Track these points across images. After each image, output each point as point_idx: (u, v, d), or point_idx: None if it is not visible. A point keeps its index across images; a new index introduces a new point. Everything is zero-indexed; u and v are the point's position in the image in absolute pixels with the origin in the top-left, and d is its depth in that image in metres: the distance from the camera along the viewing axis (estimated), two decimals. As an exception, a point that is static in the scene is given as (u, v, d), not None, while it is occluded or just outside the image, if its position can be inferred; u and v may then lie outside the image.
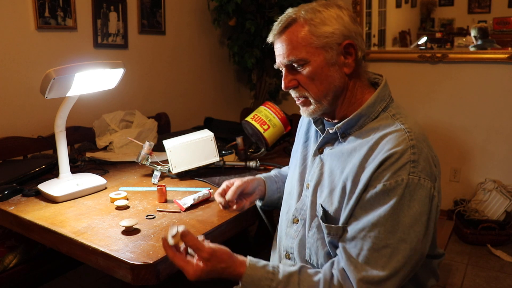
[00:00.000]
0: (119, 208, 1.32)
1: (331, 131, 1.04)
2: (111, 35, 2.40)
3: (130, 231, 1.15)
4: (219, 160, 1.64)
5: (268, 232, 1.29)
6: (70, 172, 1.48)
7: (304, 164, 1.14)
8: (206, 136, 1.61)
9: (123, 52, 2.50)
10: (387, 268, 0.87)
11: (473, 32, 2.84)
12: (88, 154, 1.89)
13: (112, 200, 1.36)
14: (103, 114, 2.14)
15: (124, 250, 1.05)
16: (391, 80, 1.09)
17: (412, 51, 3.02)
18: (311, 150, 1.13)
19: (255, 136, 1.85)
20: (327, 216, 0.99)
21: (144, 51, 2.64)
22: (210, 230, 1.18)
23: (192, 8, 2.96)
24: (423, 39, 3.07)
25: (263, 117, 1.82)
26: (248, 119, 1.85)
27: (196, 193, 1.37)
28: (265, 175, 1.34)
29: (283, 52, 1.01)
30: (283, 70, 1.05)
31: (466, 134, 2.86)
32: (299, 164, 1.16)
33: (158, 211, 1.30)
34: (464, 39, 2.93)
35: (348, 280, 0.90)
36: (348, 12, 1.01)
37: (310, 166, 1.10)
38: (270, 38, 1.05)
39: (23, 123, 2.06)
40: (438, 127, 2.91)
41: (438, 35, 3.06)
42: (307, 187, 1.09)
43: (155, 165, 1.61)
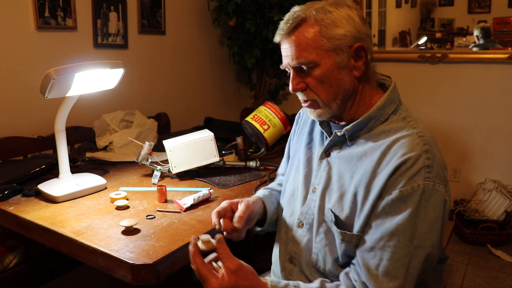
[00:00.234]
0: (119, 208, 1.32)
1: (339, 133, 1.01)
2: (111, 35, 2.40)
3: (130, 231, 1.15)
4: (219, 160, 1.64)
5: (268, 234, 1.27)
6: (70, 172, 1.48)
7: (309, 167, 1.10)
8: (206, 136, 1.61)
9: (123, 52, 2.50)
10: (405, 277, 0.87)
11: (475, 32, 2.84)
12: (88, 154, 1.89)
13: (112, 200, 1.36)
14: (103, 114, 2.14)
15: (124, 250, 1.05)
16: (391, 80, 1.08)
17: (412, 51, 3.02)
18: (317, 153, 1.09)
19: (255, 136, 1.86)
20: (338, 221, 0.96)
21: (144, 51, 2.64)
22: (210, 230, 1.18)
23: (192, 8, 2.96)
24: (423, 39, 3.07)
25: (263, 117, 1.82)
26: (248, 119, 1.85)
27: (196, 193, 1.37)
28: (263, 195, 1.21)
29: (292, 54, 0.96)
30: (291, 71, 1.00)
31: (466, 134, 2.86)
32: (303, 167, 1.12)
33: (158, 211, 1.30)
34: (464, 39, 2.94)
35: None
36: (358, 12, 0.97)
37: (316, 169, 1.07)
38: (277, 38, 1.00)
39: (23, 123, 2.06)
40: (438, 127, 2.90)
41: (438, 35, 3.06)
42: (313, 191, 1.06)
43: (155, 165, 1.61)
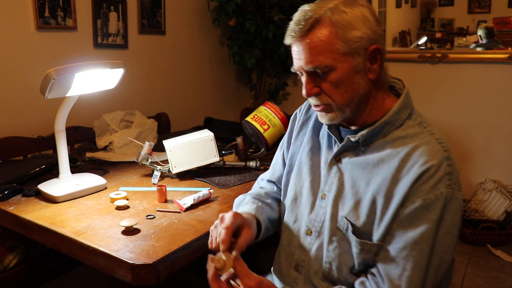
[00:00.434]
0: (119, 208, 1.32)
1: (352, 139, 0.96)
2: (111, 35, 2.40)
3: (130, 231, 1.15)
4: (219, 160, 1.64)
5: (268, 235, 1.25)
6: (70, 172, 1.48)
7: (316, 172, 1.06)
8: (206, 136, 1.61)
9: (123, 52, 2.50)
10: (428, 285, 0.86)
11: (479, 32, 2.83)
12: (88, 154, 1.89)
13: (112, 200, 1.36)
14: (103, 114, 2.14)
15: (124, 250, 1.05)
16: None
17: (412, 51, 3.02)
18: (324, 158, 1.05)
19: (255, 136, 1.86)
20: (355, 230, 0.93)
21: (144, 51, 2.64)
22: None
23: (192, 8, 2.96)
24: (423, 39, 3.07)
25: (263, 117, 1.82)
26: (248, 119, 1.85)
27: (196, 193, 1.37)
28: (255, 212, 1.08)
29: (306, 57, 0.91)
30: (304, 75, 0.96)
31: (466, 134, 2.85)
32: (308, 172, 1.07)
33: (158, 211, 1.30)
34: (464, 39, 2.93)
35: None
36: (372, 11, 0.93)
37: (325, 175, 1.02)
38: (288, 40, 0.94)
39: (23, 123, 2.06)
40: (438, 127, 2.89)
41: (438, 35, 3.06)
42: (322, 198, 1.02)
43: (155, 165, 1.61)
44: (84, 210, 1.32)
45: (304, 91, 0.96)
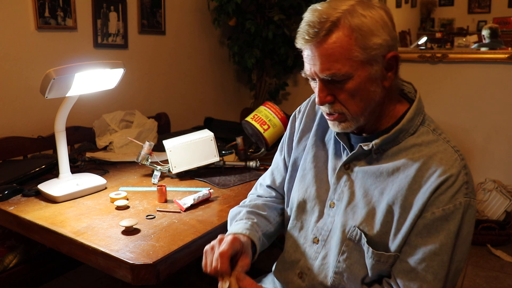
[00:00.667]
0: (119, 208, 1.32)
1: (366, 147, 0.92)
2: (111, 35, 2.40)
3: (130, 231, 1.15)
4: (219, 160, 1.64)
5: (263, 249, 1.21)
6: (70, 172, 1.48)
7: (323, 180, 1.02)
8: (206, 136, 1.61)
9: (123, 52, 2.50)
10: None
11: (484, 31, 2.83)
12: (88, 154, 1.89)
13: (112, 200, 1.36)
14: (103, 114, 2.14)
15: (124, 250, 1.05)
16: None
17: (412, 51, 3.02)
18: (332, 165, 1.01)
19: (255, 136, 1.86)
20: (369, 240, 0.90)
21: (144, 51, 2.64)
22: (210, 230, 1.18)
23: (192, 8, 2.96)
24: (423, 39, 3.07)
25: (263, 117, 1.82)
26: (248, 119, 1.85)
27: (196, 193, 1.37)
28: (250, 232, 1.00)
29: (321, 64, 0.85)
30: (317, 82, 0.90)
31: (466, 134, 2.85)
32: (313, 179, 1.03)
33: (158, 211, 1.30)
34: (464, 39, 2.93)
35: None
36: (389, 14, 0.87)
37: (334, 184, 0.98)
38: (301, 43, 0.87)
39: (23, 123, 2.06)
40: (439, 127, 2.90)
41: (438, 35, 3.06)
42: (330, 206, 0.99)
43: (155, 165, 1.61)
44: (84, 210, 1.32)
45: (317, 99, 0.90)
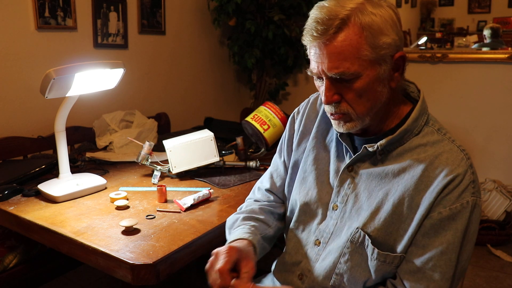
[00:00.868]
0: (119, 208, 1.32)
1: (371, 149, 0.91)
2: (111, 35, 2.40)
3: (130, 231, 1.16)
4: (219, 160, 1.64)
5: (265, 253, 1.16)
6: (70, 172, 1.48)
7: (325, 182, 1.01)
8: (206, 136, 1.61)
9: (123, 52, 2.50)
10: None
11: (485, 31, 2.83)
12: (88, 154, 1.89)
13: (112, 200, 1.36)
14: (103, 114, 2.14)
15: (124, 250, 1.05)
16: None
17: (412, 51, 3.02)
18: (335, 167, 1.00)
19: (255, 136, 1.86)
20: (373, 241, 0.89)
21: (144, 51, 2.64)
22: (210, 230, 1.18)
23: (192, 8, 2.96)
24: (423, 39, 3.07)
25: (263, 117, 1.82)
26: (248, 119, 1.85)
27: (196, 193, 1.37)
28: (248, 236, 0.99)
29: (329, 62, 0.83)
30: (323, 81, 0.88)
31: (466, 134, 2.85)
32: (315, 181, 1.02)
33: (158, 211, 1.30)
34: (464, 39, 2.93)
35: None
36: (397, 14, 0.86)
37: (337, 186, 0.97)
38: (308, 40, 0.85)
39: (23, 123, 2.06)
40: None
41: (438, 35, 3.06)
42: (333, 209, 0.97)
43: (155, 165, 1.61)
44: (84, 210, 1.32)
45: (323, 98, 0.88)
